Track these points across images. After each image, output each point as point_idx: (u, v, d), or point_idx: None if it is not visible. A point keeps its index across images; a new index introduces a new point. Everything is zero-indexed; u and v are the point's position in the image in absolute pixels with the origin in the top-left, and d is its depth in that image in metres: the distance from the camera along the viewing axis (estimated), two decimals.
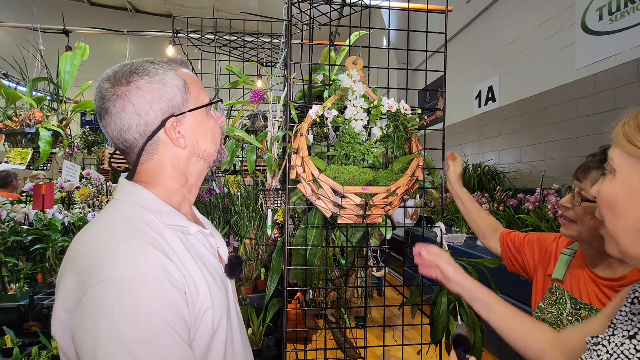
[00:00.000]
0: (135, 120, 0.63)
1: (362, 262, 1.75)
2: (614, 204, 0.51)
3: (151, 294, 0.53)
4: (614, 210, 0.51)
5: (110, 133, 0.65)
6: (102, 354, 0.50)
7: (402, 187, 1.20)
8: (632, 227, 0.49)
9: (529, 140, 3.74)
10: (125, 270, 0.53)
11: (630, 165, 0.49)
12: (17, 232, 1.69)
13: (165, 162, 0.67)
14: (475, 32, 4.80)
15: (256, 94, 1.47)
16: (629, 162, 0.49)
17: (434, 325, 1.41)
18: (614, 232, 0.52)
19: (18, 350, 1.27)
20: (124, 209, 0.63)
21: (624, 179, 0.50)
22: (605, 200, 0.53)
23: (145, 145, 0.64)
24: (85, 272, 0.55)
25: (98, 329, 0.51)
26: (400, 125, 1.27)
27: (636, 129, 0.49)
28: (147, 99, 0.63)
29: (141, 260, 0.55)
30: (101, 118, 0.65)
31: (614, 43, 2.81)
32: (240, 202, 1.73)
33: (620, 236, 0.51)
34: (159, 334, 0.52)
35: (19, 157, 1.52)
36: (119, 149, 0.67)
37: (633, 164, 0.49)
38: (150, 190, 0.66)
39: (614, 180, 0.52)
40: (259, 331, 1.45)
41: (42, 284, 1.70)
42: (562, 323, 0.92)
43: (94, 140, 3.43)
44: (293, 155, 1.29)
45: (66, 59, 1.51)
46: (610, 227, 0.53)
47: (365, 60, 1.42)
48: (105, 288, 0.52)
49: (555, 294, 0.98)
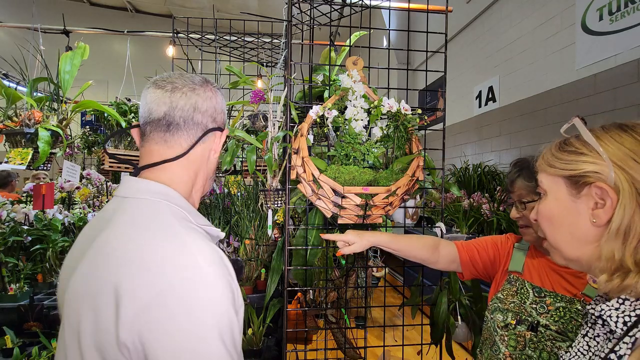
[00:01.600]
0: (211, 111, 0.72)
1: (362, 262, 1.75)
2: (551, 218, 0.62)
3: (222, 287, 0.57)
4: (552, 223, 0.63)
5: (179, 104, 0.68)
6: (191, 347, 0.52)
7: (402, 187, 1.20)
8: (568, 233, 0.60)
9: (529, 140, 3.74)
10: (201, 266, 0.56)
11: (554, 184, 0.62)
12: (17, 232, 1.69)
13: (199, 161, 0.72)
14: (475, 32, 4.80)
15: (256, 94, 1.47)
16: (553, 181, 0.62)
17: (434, 325, 1.41)
18: (555, 242, 0.63)
19: (18, 350, 1.27)
20: (164, 208, 0.63)
21: (554, 195, 0.62)
22: (544, 217, 0.64)
23: (206, 134, 0.71)
24: (155, 272, 0.55)
25: (181, 326, 0.52)
26: (400, 125, 1.27)
27: (552, 156, 0.63)
28: (221, 104, 0.76)
29: (209, 254, 0.58)
30: (179, 93, 0.68)
31: (614, 43, 2.81)
32: (240, 202, 1.73)
33: (560, 244, 0.62)
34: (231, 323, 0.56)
35: (19, 157, 1.51)
36: (167, 122, 0.68)
37: (556, 182, 0.61)
38: (174, 189, 0.67)
39: (546, 199, 0.64)
40: (259, 331, 1.45)
41: (42, 284, 1.70)
42: (526, 310, 0.96)
43: (94, 140, 3.43)
44: (293, 155, 1.29)
45: (66, 59, 1.51)
46: (551, 238, 0.63)
47: (365, 61, 1.42)
48: (184, 284, 0.54)
49: (514, 285, 1.02)
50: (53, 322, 1.50)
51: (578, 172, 0.57)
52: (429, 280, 2.79)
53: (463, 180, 4.00)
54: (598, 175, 0.55)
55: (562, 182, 0.61)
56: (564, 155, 0.61)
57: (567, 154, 0.60)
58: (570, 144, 0.61)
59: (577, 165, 0.58)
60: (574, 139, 0.61)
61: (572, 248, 0.60)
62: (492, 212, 3.09)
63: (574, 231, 0.59)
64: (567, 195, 0.60)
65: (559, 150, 0.62)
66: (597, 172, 0.55)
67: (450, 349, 1.43)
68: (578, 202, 0.58)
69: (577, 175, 0.58)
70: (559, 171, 0.61)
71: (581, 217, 0.58)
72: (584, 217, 0.57)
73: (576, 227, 0.59)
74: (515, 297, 1.00)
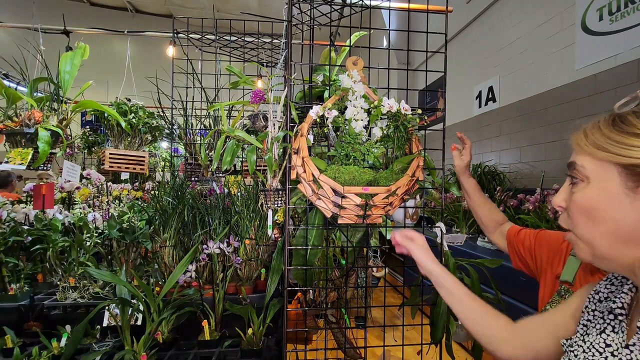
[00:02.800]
0: None
1: (362, 262, 1.75)
2: (592, 210, 0.53)
3: None
4: (591, 215, 0.53)
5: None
6: None
7: (402, 187, 1.20)
8: (609, 231, 0.51)
9: (529, 140, 3.74)
10: None
11: (604, 171, 0.52)
12: (17, 232, 1.69)
13: None
14: (475, 32, 4.80)
15: (256, 94, 1.47)
16: (603, 168, 0.52)
17: (434, 325, 1.41)
18: (589, 237, 0.54)
19: (18, 350, 1.27)
20: None
21: (600, 184, 0.52)
22: (581, 208, 0.54)
23: None
24: None
25: None
26: (400, 126, 1.27)
27: (602, 136, 0.52)
28: None
29: None
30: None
31: (614, 43, 2.81)
32: (240, 202, 1.73)
33: (596, 240, 0.53)
34: None
35: (19, 157, 1.52)
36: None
37: (607, 170, 0.51)
38: None
39: (588, 187, 0.53)
40: (259, 331, 1.45)
41: (43, 284, 1.70)
42: None
43: (94, 140, 3.43)
44: (293, 155, 1.29)
45: (66, 59, 1.51)
46: (586, 232, 0.54)
47: (365, 61, 1.42)
48: None
49: (564, 297, 0.94)
50: (53, 322, 1.50)
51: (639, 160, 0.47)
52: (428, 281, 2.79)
53: None
54: None
55: (616, 171, 0.50)
56: (621, 137, 0.50)
57: (626, 136, 0.49)
58: (628, 123, 0.50)
59: (638, 152, 0.48)
60: (633, 117, 0.50)
61: (609, 247, 0.52)
62: None
63: (619, 230, 0.50)
64: (621, 187, 0.50)
65: (613, 130, 0.51)
66: None
67: (450, 348, 1.43)
68: (633, 198, 0.49)
69: (637, 163, 0.48)
70: (614, 157, 0.50)
71: (634, 215, 0.49)
72: (637, 215, 0.48)
73: (623, 226, 0.50)
74: None
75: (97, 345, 1.37)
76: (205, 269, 1.64)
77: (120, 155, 2.61)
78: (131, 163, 2.64)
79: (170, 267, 1.62)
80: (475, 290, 1.41)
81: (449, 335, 1.41)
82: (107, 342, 1.40)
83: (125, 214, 1.94)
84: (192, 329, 1.50)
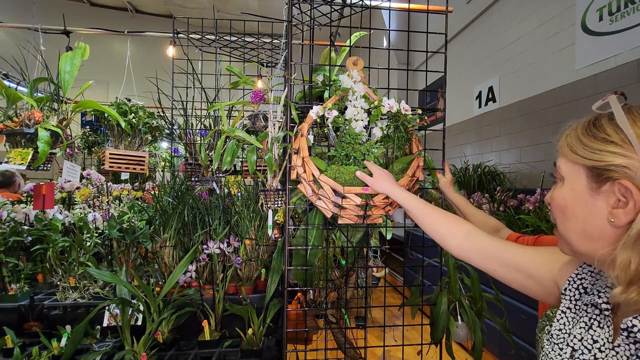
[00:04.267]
0: None
1: (362, 262, 1.75)
2: (564, 208, 0.57)
3: None
4: (564, 213, 0.57)
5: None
6: None
7: (402, 187, 1.19)
8: (579, 227, 0.55)
9: (529, 140, 3.74)
10: None
11: (574, 172, 0.55)
12: (17, 232, 1.69)
13: None
14: (475, 33, 4.80)
15: (256, 94, 1.47)
16: (573, 169, 0.55)
17: (434, 325, 1.41)
18: (564, 233, 0.58)
19: (18, 350, 1.27)
20: None
21: (571, 184, 0.56)
22: (557, 205, 0.58)
23: None
24: None
25: None
26: (401, 126, 1.27)
27: (576, 140, 0.55)
28: None
29: None
30: None
31: (614, 43, 2.81)
32: (240, 202, 1.73)
33: (570, 236, 0.56)
34: None
35: (19, 157, 1.52)
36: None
37: (577, 171, 0.55)
38: None
39: (563, 187, 0.57)
40: (259, 331, 1.45)
41: (43, 284, 1.70)
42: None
43: (94, 140, 3.43)
44: (293, 155, 1.29)
45: (66, 59, 1.51)
46: (562, 228, 0.58)
47: (366, 61, 1.43)
48: None
49: None
50: (53, 322, 1.50)
51: (603, 164, 0.50)
52: (428, 281, 2.78)
53: (463, 180, 4.00)
54: (626, 170, 0.48)
55: (583, 172, 0.53)
56: (590, 142, 0.53)
57: (594, 141, 0.52)
58: (600, 128, 0.53)
59: (602, 156, 0.50)
60: (606, 122, 0.52)
61: (582, 243, 0.55)
62: (492, 212, 3.09)
63: (587, 227, 0.53)
64: (586, 188, 0.53)
65: (585, 134, 0.54)
66: (626, 167, 0.48)
67: (450, 349, 1.43)
68: (596, 198, 0.52)
69: (601, 167, 0.51)
70: (581, 159, 0.53)
71: (598, 214, 0.52)
72: (601, 214, 0.51)
73: (590, 223, 0.53)
74: None
75: (97, 345, 1.38)
76: (206, 269, 1.64)
77: (120, 156, 2.61)
78: (131, 163, 2.64)
79: (171, 267, 1.62)
80: (475, 290, 1.41)
81: (449, 335, 1.41)
82: (107, 342, 1.40)
83: (126, 214, 1.94)
84: (192, 329, 1.50)
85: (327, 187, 1.18)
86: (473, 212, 1.32)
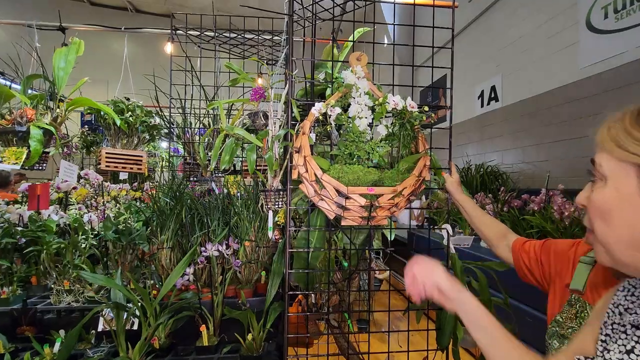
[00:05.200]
0: None
1: (364, 264, 1.71)
2: (607, 212, 0.49)
3: None
4: (606, 218, 0.49)
5: None
6: None
7: (408, 187, 1.15)
8: (626, 235, 0.47)
9: (532, 140, 3.70)
10: None
11: (621, 170, 0.47)
12: (10, 234, 1.64)
13: None
14: (478, 31, 4.76)
15: (256, 92, 1.42)
16: (620, 167, 0.48)
17: (441, 330, 1.36)
18: (605, 241, 0.50)
19: (9, 356, 1.23)
20: None
21: (616, 185, 0.48)
22: (596, 209, 0.51)
23: None
24: None
25: None
26: (407, 123, 1.23)
27: (625, 133, 0.47)
28: None
29: None
30: None
31: (619, 41, 2.76)
32: (240, 203, 1.68)
33: (613, 244, 0.49)
34: None
35: (13, 156, 1.47)
36: None
37: (624, 169, 0.47)
38: None
39: (605, 187, 0.50)
40: (259, 336, 1.40)
41: (36, 287, 1.65)
42: None
43: (93, 139, 3.39)
44: (295, 154, 1.24)
45: (60, 55, 1.46)
46: (602, 235, 0.50)
47: (369, 57, 1.38)
48: None
49: (574, 307, 0.88)
50: (47, 326, 1.45)
51: None
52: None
53: (465, 180, 3.95)
54: None
55: (633, 172, 0.46)
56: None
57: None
58: None
59: None
60: None
61: (626, 252, 0.48)
62: (495, 212, 3.04)
63: (635, 234, 0.46)
64: (637, 189, 0.46)
65: (636, 125, 0.47)
66: None
67: (457, 355, 1.38)
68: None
69: None
70: (632, 156, 0.46)
71: None
72: None
73: (638, 231, 0.46)
74: (574, 322, 0.86)
75: (92, 351, 1.33)
76: (204, 272, 1.59)
77: (117, 155, 2.56)
78: (129, 163, 2.59)
79: (168, 270, 1.57)
80: (484, 295, 1.36)
81: (456, 341, 1.36)
82: (102, 347, 1.36)
83: (122, 215, 1.89)
84: (189, 334, 1.45)
85: (330, 187, 1.13)
86: (480, 215, 1.25)
